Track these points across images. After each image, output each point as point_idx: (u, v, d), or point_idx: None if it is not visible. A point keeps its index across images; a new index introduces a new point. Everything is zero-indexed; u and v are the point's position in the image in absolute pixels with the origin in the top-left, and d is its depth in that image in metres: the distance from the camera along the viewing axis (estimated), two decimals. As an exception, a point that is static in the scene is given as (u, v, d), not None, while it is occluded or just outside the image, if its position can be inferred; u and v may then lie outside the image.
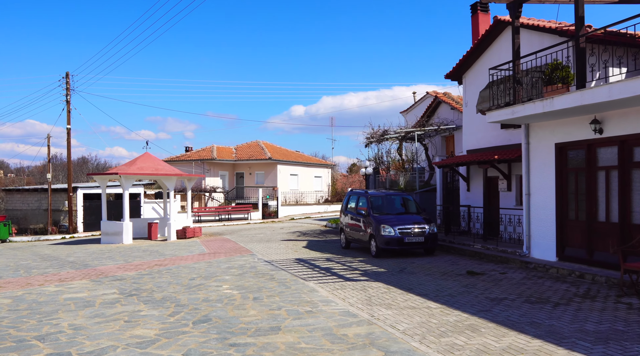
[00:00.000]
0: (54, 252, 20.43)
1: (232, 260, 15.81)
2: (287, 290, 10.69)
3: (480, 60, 17.87)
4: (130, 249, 20.57)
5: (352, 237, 17.65)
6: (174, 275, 13.18)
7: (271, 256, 16.78)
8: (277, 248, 19.16)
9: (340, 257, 16.00)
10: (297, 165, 45.67)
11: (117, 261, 16.61)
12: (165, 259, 16.71)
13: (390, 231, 15.37)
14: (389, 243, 15.33)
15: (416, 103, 33.60)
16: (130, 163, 25.98)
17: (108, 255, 18.65)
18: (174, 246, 21.17)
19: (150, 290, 11.15)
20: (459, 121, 21.69)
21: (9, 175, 70.56)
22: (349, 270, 13.48)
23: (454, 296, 9.77)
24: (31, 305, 9.83)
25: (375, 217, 16.06)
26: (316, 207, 42.57)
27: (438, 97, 22.55)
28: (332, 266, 14.19)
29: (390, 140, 23.30)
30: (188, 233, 25.40)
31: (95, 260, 17.20)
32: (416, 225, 15.65)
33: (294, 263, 14.83)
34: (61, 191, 33.94)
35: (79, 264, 16.12)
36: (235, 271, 13.46)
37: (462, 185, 18.88)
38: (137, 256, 17.94)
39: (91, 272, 14.14)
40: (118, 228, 24.06)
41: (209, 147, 45.97)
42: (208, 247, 20.11)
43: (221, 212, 37.16)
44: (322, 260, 15.52)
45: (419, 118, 23.74)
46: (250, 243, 21.08)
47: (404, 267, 13.73)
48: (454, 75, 18.99)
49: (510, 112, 12.70)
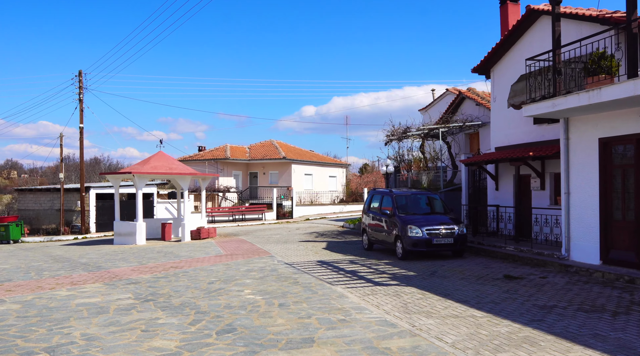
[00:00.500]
0: (66, 253, 19.85)
1: (251, 262, 15.08)
2: (314, 296, 9.93)
3: (510, 53, 17.01)
4: (144, 250, 19.94)
5: (375, 238, 16.86)
6: (192, 278, 12.47)
7: (291, 258, 16.04)
8: (296, 249, 18.42)
9: (364, 259, 15.22)
10: (311, 164, 44.94)
11: (131, 263, 15.96)
12: (180, 261, 16.03)
13: (418, 232, 14.56)
14: (417, 245, 14.53)
15: (435, 101, 32.76)
16: (143, 162, 25.38)
17: (121, 256, 18.02)
18: (189, 247, 20.50)
19: (168, 294, 10.44)
20: (484, 117, 20.84)
21: (23, 175, 70.87)
22: (377, 273, 12.70)
23: (498, 304, 8.96)
24: (41, 311, 9.16)
25: (401, 217, 15.26)
26: (331, 207, 41.78)
27: (462, 93, 21.70)
28: (358, 269, 13.41)
29: (412, 138, 22.47)
30: (202, 233, 24.74)
31: (108, 261, 16.56)
32: (444, 225, 14.84)
33: (317, 266, 14.07)
34: (73, 191, 33.47)
35: (91, 266, 15.49)
36: (255, 275, 12.73)
37: (489, 184, 18.02)
38: (152, 257, 17.28)
39: (104, 275, 13.48)
40: (131, 229, 23.47)
41: (223, 147, 45.38)
42: (224, 248, 19.42)
43: (235, 212, 36.51)
44: (346, 262, 14.75)
45: (442, 114, 22.87)
46: (267, 245, 20.36)
47: (435, 270, 12.93)
48: (481, 69, 18.14)
49: (550, 105, 11.85)
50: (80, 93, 32.92)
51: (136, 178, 23.56)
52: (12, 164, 79.04)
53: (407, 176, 22.26)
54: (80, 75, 33.11)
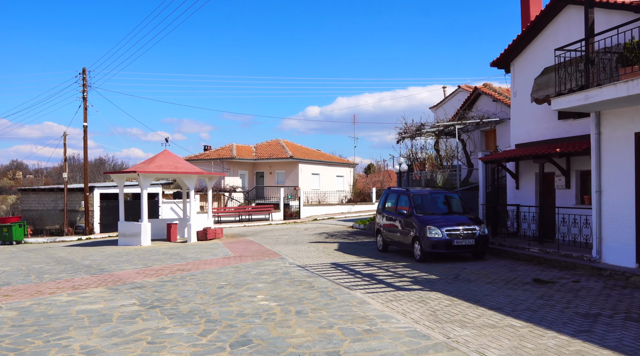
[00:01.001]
0: (69, 255, 19.20)
1: (262, 265, 14.37)
2: (333, 302, 9.20)
3: (533, 45, 16.24)
4: (149, 251, 19.26)
5: (390, 239, 16.12)
6: (200, 282, 11.76)
7: (303, 260, 15.32)
8: (307, 251, 17.70)
9: (380, 262, 14.49)
10: (318, 164, 44.20)
11: (136, 265, 15.27)
12: (187, 263, 15.33)
13: (437, 233, 13.81)
14: (436, 247, 13.78)
15: (447, 98, 32.01)
16: (148, 161, 24.72)
17: (126, 258, 17.34)
18: (196, 248, 19.81)
19: (175, 300, 9.73)
20: (502, 114, 20.08)
21: (28, 176, 70.74)
22: (396, 277, 11.96)
23: (536, 311, 8.21)
24: (39, 319, 8.46)
25: (419, 217, 14.51)
26: (339, 207, 41.04)
27: (478, 89, 20.94)
28: (375, 272, 12.68)
29: (425, 136, 21.72)
30: (209, 234, 24.06)
31: (112, 263, 15.89)
32: (465, 226, 14.08)
33: (331, 269, 13.34)
34: (77, 191, 32.85)
35: (94, 268, 14.81)
36: (267, 278, 12.01)
37: (509, 183, 17.25)
38: (157, 259, 16.59)
39: (108, 278, 12.78)
40: (136, 230, 22.81)
41: (228, 146, 44.71)
42: (232, 250, 18.72)
43: (241, 213, 35.82)
44: (361, 264, 14.02)
45: (457, 111, 22.10)
46: (276, 246, 19.65)
47: (457, 273, 12.17)
48: (501, 63, 17.36)
49: (582, 98, 11.08)
50: (84, 91, 32.32)
51: (141, 178, 22.90)
52: (17, 165, 79.00)
53: (421, 175, 21.50)
54: (84, 73, 32.50)
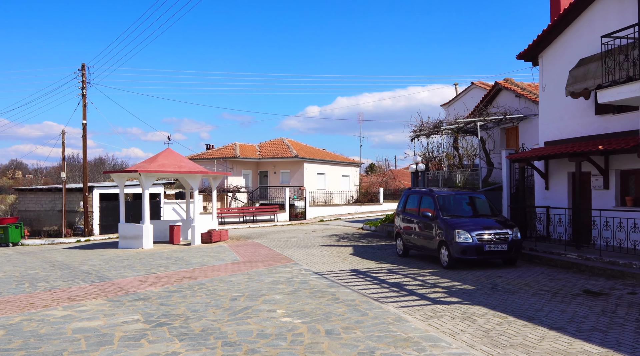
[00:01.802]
0: (67, 258, 18.07)
1: (275, 272, 13.24)
2: (365, 319, 8.07)
3: (565, 36, 15.10)
4: (151, 255, 18.13)
5: (412, 243, 14.98)
6: (210, 292, 10.62)
7: (319, 266, 14.20)
8: (321, 255, 16.57)
9: (403, 268, 13.36)
10: (324, 163, 43.03)
11: (138, 271, 14.14)
12: (194, 269, 14.20)
13: (467, 237, 12.67)
14: (466, 253, 12.63)
15: (459, 96, 30.92)
16: (150, 160, 23.59)
17: (127, 262, 16.21)
18: (201, 252, 18.68)
19: (184, 316, 8.60)
20: (525, 110, 18.95)
21: (28, 175, 70.08)
22: (427, 286, 10.82)
23: (606, 333, 7.07)
24: (28, 341, 7.31)
25: (446, 220, 13.37)
26: (346, 207, 39.89)
27: (498, 84, 19.80)
28: (402, 281, 11.54)
29: (442, 134, 20.59)
30: (214, 236, 22.92)
31: (112, 269, 14.76)
32: (496, 230, 12.95)
33: (352, 277, 12.21)
34: (76, 191, 31.68)
35: (93, 275, 13.68)
36: (284, 288, 10.87)
37: (538, 183, 16.12)
38: (161, 264, 15.46)
39: (108, 287, 11.65)
40: (137, 232, 21.69)
41: (231, 145, 43.57)
42: (240, 254, 17.58)
43: (245, 213, 34.68)
44: (384, 272, 12.89)
45: (476, 106, 20.94)
46: (287, 249, 18.52)
47: (494, 282, 11.03)
48: (528, 55, 16.23)
49: (637, 89, 9.96)
50: (84, 87, 31.16)
51: (143, 177, 21.78)
52: (16, 164, 78.20)
53: (437, 175, 20.38)
54: (83, 69, 31.34)
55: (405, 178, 74.64)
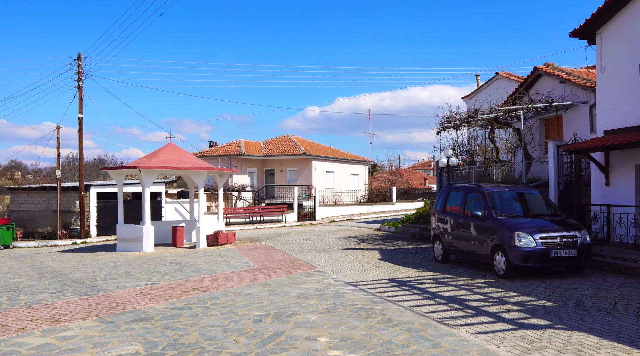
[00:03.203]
0: (59, 264, 16.08)
1: (299, 282, 11.21)
2: (440, 352, 6.04)
3: (630, 8, 13.08)
4: (152, 260, 16.12)
5: (455, 247, 12.94)
6: (227, 311, 8.59)
7: (348, 274, 12.19)
8: (346, 261, 14.56)
9: (450, 277, 11.34)
10: (333, 161, 41.00)
11: (138, 280, 12.12)
12: (202, 278, 12.17)
13: (529, 241, 10.64)
14: (528, 259, 10.60)
15: (481, 87, 28.93)
16: (151, 155, 21.57)
17: (125, 269, 14.21)
18: (208, 256, 16.67)
19: (197, 346, 6.57)
20: (572, 97, 16.93)
21: (27, 176, 69.37)
22: (493, 302, 8.79)
23: None
24: (-15, 388, 5.32)
25: (502, 220, 11.33)
26: (357, 207, 37.86)
27: (538, 69, 17.79)
28: (457, 294, 9.52)
29: (475, 125, 18.59)
30: (221, 238, 20.91)
31: (108, 277, 12.75)
32: (562, 232, 10.92)
33: (394, 288, 10.20)
34: (72, 190, 29.68)
35: (86, 285, 11.66)
36: (317, 304, 8.85)
37: (595, 178, 14.10)
38: (164, 272, 13.45)
39: (101, 302, 9.63)
40: (137, 234, 19.70)
41: (236, 142, 41.56)
42: (253, 259, 15.57)
43: (252, 213, 32.65)
44: (429, 281, 10.87)
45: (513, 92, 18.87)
46: (304, 253, 16.52)
47: (575, 297, 9.00)
48: (584, 32, 14.22)
49: None
50: (80, 79, 29.16)
51: (143, 174, 19.77)
52: (16, 165, 76.97)
53: (470, 170, 18.39)
54: (79, 60, 29.34)
55: (412, 177, 72.60)
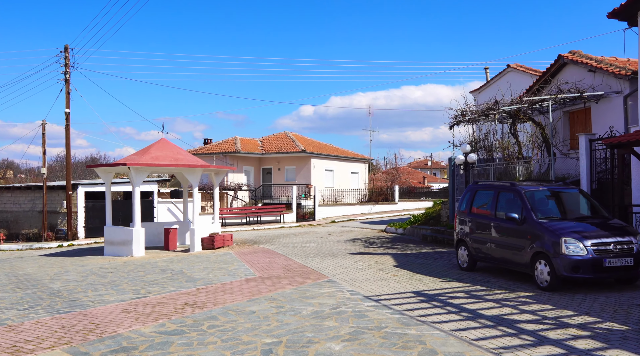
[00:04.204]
0: (39, 270, 14.51)
1: (310, 295, 9.67)
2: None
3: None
4: (142, 266, 14.56)
5: (484, 253, 11.42)
6: (228, 337, 7.04)
7: (364, 284, 10.67)
8: (357, 268, 13.04)
9: (484, 290, 9.83)
10: (332, 159, 39.45)
11: (124, 293, 10.56)
12: (198, 290, 10.62)
13: (579, 249, 9.14)
14: (578, 269, 9.10)
15: (490, 81, 27.51)
16: (142, 151, 19.99)
17: (111, 277, 12.64)
18: (203, 262, 15.12)
19: (193, 392, 5.03)
20: (602, 87, 15.47)
21: (19, 175, 68.45)
22: (549, 324, 7.27)
23: None
24: None
25: (544, 224, 9.81)
26: (358, 207, 36.36)
27: (564, 57, 16.33)
28: (501, 312, 8.00)
29: (492, 119, 17.13)
30: (217, 241, 19.37)
31: (90, 288, 11.18)
32: (616, 237, 9.42)
33: (423, 304, 8.68)
34: (59, 189, 27.98)
35: (63, 299, 10.09)
36: (336, 327, 7.31)
37: (636, 175, 12.62)
38: (154, 281, 11.89)
39: (77, 323, 8.05)
40: (126, 236, 18.14)
41: (232, 139, 39.95)
42: (253, 265, 14.03)
43: (248, 214, 31.10)
44: (461, 295, 9.36)
45: (534, 83, 17.41)
46: (309, 259, 14.99)
47: None
48: (624, 12, 12.74)
49: None
50: (67, 72, 27.48)
51: (132, 172, 18.20)
52: (8, 164, 75.58)
53: (489, 167, 16.92)
54: (66, 51, 27.65)
55: (411, 176, 71.15)
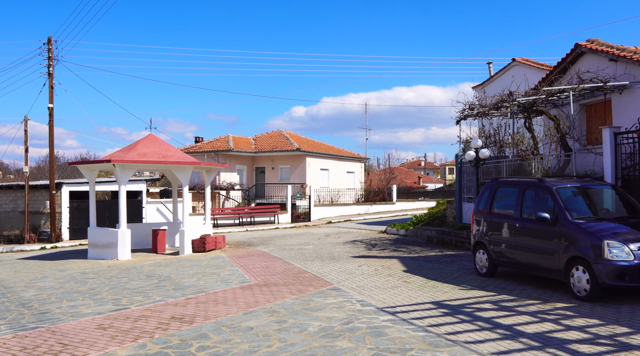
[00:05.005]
0: (14, 276, 13.24)
1: (315, 307, 8.45)
2: None
3: None
4: (127, 271, 13.30)
5: (508, 257, 10.20)
6: (221, 360, 5.83)
7: (374, 293, 9.46)
8: (363, 273, 11.83)
9: (513, 300, 8.64)
10: (328, 157, 38.23)
11: (102, 303, 9.29)
12: (186, 301, 9.37)
13: (625, 253, 7.97)
14: (624, 277, 7.92)
15: (494, 76, 26.45)
16: (128, 148, 18.71)
17: (91, 284, 11.37)
18: (193, 266, 13.87)
19: None
20: (625, 77, 14.36)
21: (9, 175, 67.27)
22: (608, 345, 6.10)
23: None
24: None
25: (581, 225, 8.64)
26: (355, 207, 35.16)
27: (581, 46, 15.21)
28: (543, 329, 6.82)
29: (504, 112, 15.98)
30: (208, 244, 18.10)
31: (65, 297, 9.91)
32: (664, 240, 8.29)
33: (447, 318, 7.49)
34: (42, 189, 26.60)
35: (33, 311, 8.82)
36: (352, 349, 6.10)
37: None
38: (137, 289, 10.63)
39: (41, 343, 6.80)
40: (111, 238, 16.88)
41: (224, 137, 38.65)
42: (248, 270, 12.80)
43: (241, 214, 29.82)
44: (489, 306, 8.17)
45: (556, 66, 16.21)
46: (308, 263, 13.78)
47: None
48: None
49: None
50: (50, 65, 26.12)
51: (118, 170, 16.92)
52: (-4, 164, 73.87)
53: (501, 164, 15.80)
54: (49, 43, 26.30)
55: (406, 176, 70.04)
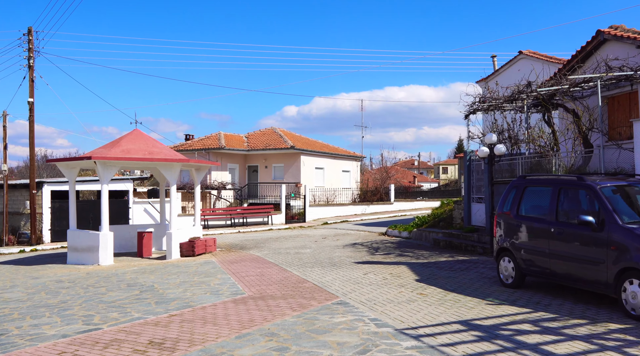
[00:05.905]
0: (-24, 286, 11.78)
1: (320, 327, 7.12)
2: None
3: None
4: (106, 279, 11.92)
5: (541, 267, 8.88)
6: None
7: (388, 309, 8.15)
8: (369, 283, 10.52)
9: (554, 318, 7.36)
10: (323, 156, 36.90)
11: (71, 321, 7.92)
12: (169, 318, 8.01)
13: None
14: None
15: (500, 70, 25.27)
16: (112, 144, 17.33)
17: (63, 296, 9.99)
18: (181, 274, 12.50)
19: None
20: (653, 65, 13.14)
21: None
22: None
23: None
24: None
25: (635, 230, 7.35)
26: (351, 207, 33.86)
27: (604, 33, 13.99)
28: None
29: (518, 106, 14.74)
30: (197, 247, 16.75)
31: (30, 313, 8.53)
32: None
33: (483, 344, 6.19)
34: (22, 188, 25.10)
35: (-15, 333, 7.44)
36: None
37: None
38: (114, 303, 9.25)
39: (-17, 381, 5.44)
40: (92, 242, 15.55)
41: (215, 135, 37.24)
42: (240, 279, 11.45)
43: (233, 215, 28.44)
44: (529, 327, 6.88)
45: (566, 63, 15.00)
46: (307, 270, 12.46)
47: None
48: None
49: None
50: (30, 57, 24.59)
51: (99, 167, 15.54)
52: (-18, 165, 71.35)
53: (515, 161, 14.56)
54: (30, 34, 24.77)
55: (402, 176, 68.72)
